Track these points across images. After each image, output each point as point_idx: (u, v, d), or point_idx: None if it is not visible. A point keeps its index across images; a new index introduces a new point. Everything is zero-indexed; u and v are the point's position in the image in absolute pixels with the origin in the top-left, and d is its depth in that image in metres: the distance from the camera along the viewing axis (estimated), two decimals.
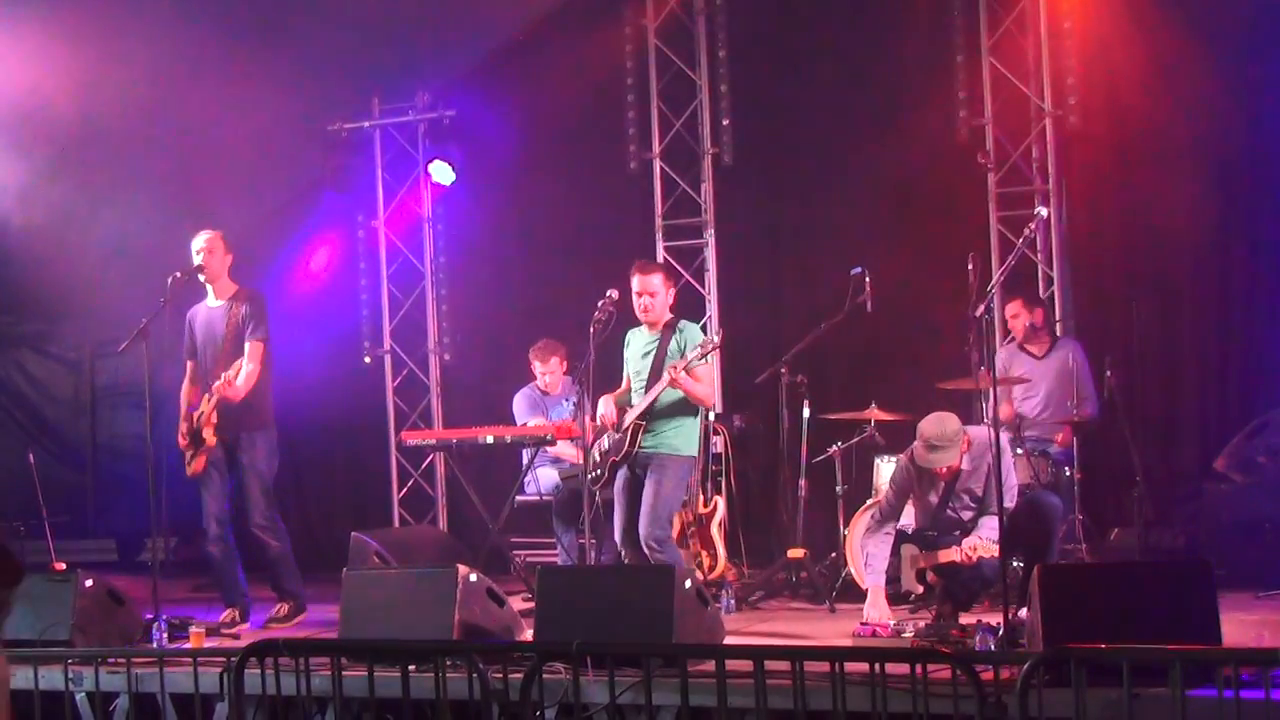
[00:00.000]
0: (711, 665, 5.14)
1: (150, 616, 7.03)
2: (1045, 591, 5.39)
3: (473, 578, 6.25)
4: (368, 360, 10.87)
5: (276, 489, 7.86)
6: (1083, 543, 8.02)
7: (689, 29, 9.91)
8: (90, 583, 6.93)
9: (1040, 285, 9.07)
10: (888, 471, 7.71)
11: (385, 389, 10.83)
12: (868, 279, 8.12)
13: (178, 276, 7.56)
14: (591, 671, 5.41)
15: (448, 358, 10.82)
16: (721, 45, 9.78)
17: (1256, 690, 4.62)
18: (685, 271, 9.78)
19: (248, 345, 7.62)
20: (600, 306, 7.16)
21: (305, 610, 7.78)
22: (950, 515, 6.76)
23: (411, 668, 5.47)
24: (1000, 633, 5.80)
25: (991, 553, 6.30)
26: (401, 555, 7.64)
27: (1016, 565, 6.78)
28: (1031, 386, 8.26)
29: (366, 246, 10.95)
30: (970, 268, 6.54)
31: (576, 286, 9.10)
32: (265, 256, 10.09)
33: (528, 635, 6.38)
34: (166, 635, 6.89)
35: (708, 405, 7.23)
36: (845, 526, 7.93)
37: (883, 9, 9.48)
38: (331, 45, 9.59)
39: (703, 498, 8.28)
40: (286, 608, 7.71)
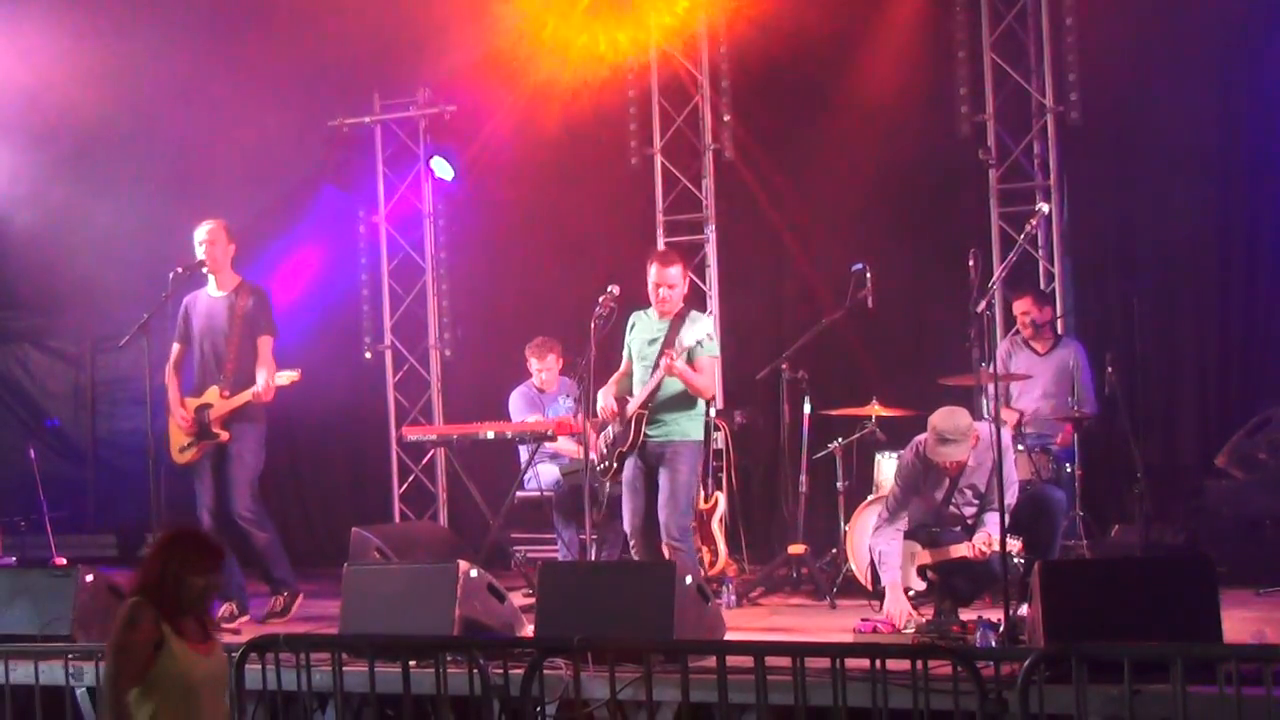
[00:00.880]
0: (712, 661, 5.14)
1: None
2: (1046, 587, 5.39)
3: (473, 573, 6.24)
4: (368, 355, 10.87)
5: (277, 483, 7.87)
6: (1084, 539, 8.02)
7: (690, 24, 9.88)
8: (91, 578, 6.90)
9: (1041, 281, 9.06)
10: (889, 467, 7.71)
11: (386, 384, 10.84)
12: (869, 275, 8.12)
13: (179, 272, 7.55)
14: (592, 667, 5.41)
15: (448, 353, 10.82)
16: (723, 41, 9.78)
17: (1257, 687, 4.61)
18: None
19: (260, 343, 7.60)
20: (601, 302, 7.14)
21: (300, 595, 7.74)
22: (952, 511, 6.76)
23: (412, 663, 5.47)
24: (1001, 629, 5.80)
25: (1011, 548, 6.22)
26: (402, 551, 7.63)
27: (1018, 561, 6.76)
28: (1030, 382, 8.25)
29: (367, 242, 10.96)
30: (971, 264, 6.52)
31: (578, 281, 9.12)
32: (266, 252, 10.07)
33: (528, 631, 6.38)
34: None
35: (706, 397, 7.18)
36: (846, 522, 7.92)
37: (885, 5, 9.45)
38: (333, 41, 9.58)
39: (703, 493, 8.27)
40: (282, 600, 7.69)
